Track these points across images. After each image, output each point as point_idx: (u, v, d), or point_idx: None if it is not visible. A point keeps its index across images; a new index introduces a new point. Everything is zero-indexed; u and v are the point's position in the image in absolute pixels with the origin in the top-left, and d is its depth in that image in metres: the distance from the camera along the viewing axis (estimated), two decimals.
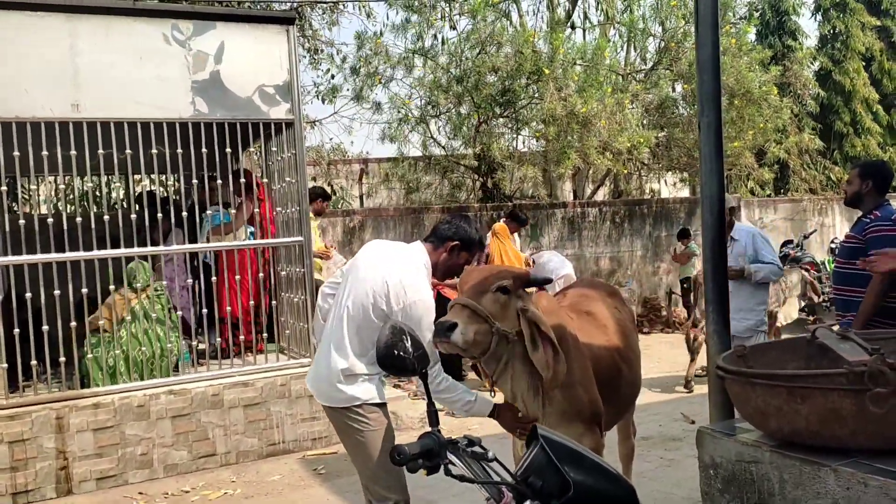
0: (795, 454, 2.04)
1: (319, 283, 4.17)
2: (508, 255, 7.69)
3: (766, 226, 12.32)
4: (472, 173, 11.69)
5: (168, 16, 5.33)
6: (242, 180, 6.29)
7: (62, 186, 5.51)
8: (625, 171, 11.93)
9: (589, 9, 14.42)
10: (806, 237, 11.61)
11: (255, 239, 6.03)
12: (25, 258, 4.98)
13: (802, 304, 9.67)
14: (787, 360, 2.39)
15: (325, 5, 11.38)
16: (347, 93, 11.76)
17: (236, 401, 5.36)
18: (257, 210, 5.87)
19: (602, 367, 3.13)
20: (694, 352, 7.00)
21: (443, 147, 11.68)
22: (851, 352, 2.03)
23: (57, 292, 4.93)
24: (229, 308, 5.94)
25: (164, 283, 5.64)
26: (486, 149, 10.62)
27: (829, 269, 10.41)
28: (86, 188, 9.41)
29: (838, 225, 13.10)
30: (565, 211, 10.55)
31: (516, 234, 8.44)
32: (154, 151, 5.24)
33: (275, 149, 6.13)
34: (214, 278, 5.90)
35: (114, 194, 9.46)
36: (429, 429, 1.97)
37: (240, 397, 5.37)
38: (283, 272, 6.14)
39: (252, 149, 8.09)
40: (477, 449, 1.91)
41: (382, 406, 2.92)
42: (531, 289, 2.92)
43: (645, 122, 11.15)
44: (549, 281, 3.19)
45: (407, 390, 7.01)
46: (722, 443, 2.29)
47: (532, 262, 8.17)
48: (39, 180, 8.32)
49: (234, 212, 6.08)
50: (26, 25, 4.88)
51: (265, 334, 6.00)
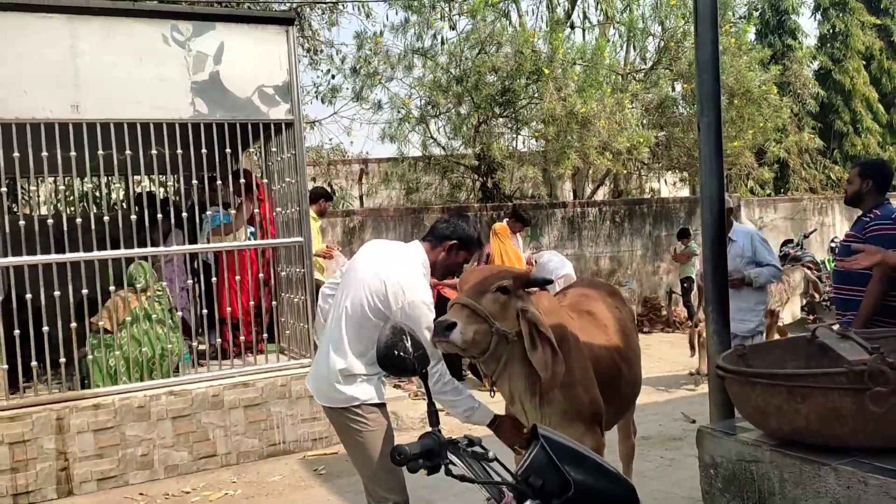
0: (796, 453, 2.04)
1: (320, 284, 4.17)
2: (509, 255, 7.69)
3: (766, 225, 12.31)
4: (472, 173, 11.68)
5: (168, 17, 5.34)
6: (242, 181, 6.30)
7: (62, 187, 5.52)
8: (624, 172, 11.92)
9: (588, 8, 14.46)
10: (806, 236, 11.60)
11: (255, 239, 6.04)
12: (25, 259, 4.98)
13: (804, 301, 9.69)
14: (787, 359, 2.40)
15: (324, 5, 11.39)
16: (347, 93, 11.78)
17: (237, 401, 5.36)
18: (257, 210, 5.88)
19: (602, 367, 3.13)
20: (702, 346, 6.99)
21: (443, 147, 11.68)
22: (851, 351, 2.03)
23: (57, 293, 4.93)
24: (229, 308, 5.95)
25: (163, 283, 5.65)
26: (486, 149, 10.61)
27: (829, 269, 10.41)
28: (86, 189, 9.42)
29: (838, 224, 13.09)
30: (565, 211, 10.55)
31: (518, 234, 8.44)
32: (154, 152, 5.25)
33: (275, 149, 6.13)
34: (214, 279, 5.90)
35: (114, 195, 9.46)
36: (429, 429, 1.97)
37: (240, 398, 5.38)
38: (283, 272, 6.15)
39: (252, 149, 8.09)
40: (477, 449, 1.91)
41: (382, 406, 2.92)
42: (533, 289, 2.92)
43: (645, 121, 11.13)
44: (549, 282, 3.19)
45: (407, 390, 7.01)
46: (722, 442, 2.29)
47: (534, 262, 8.18)
48: (39, 181, 8.32)
49: (233, 212, 6.09)
50: (26, 26, 4.88)
51: (265, 335, 6.01)
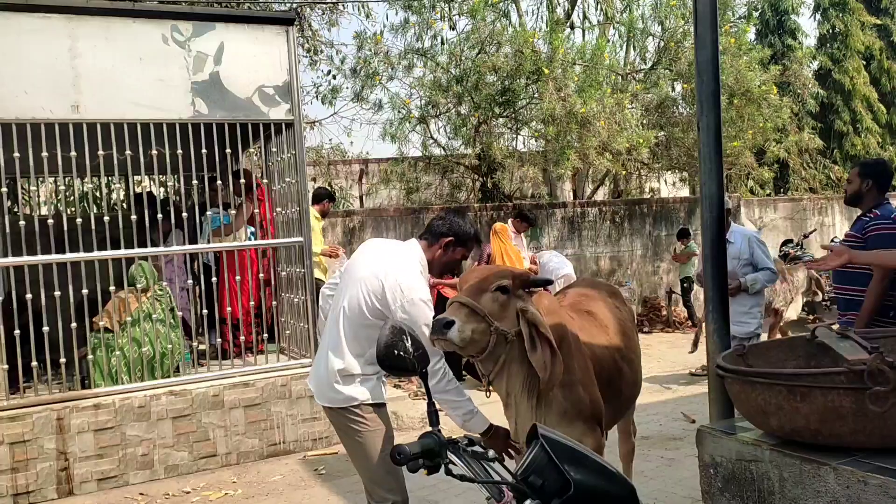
0: (795, 453, 2.04)
1: (321, 284, 4.17)
2: (510, 255, 7.70)
3: (766, 225, 12.32)
4: (472, 173, 11.68)
5: (168, 17, 5.34)
6: (242, 181, 6.30)
7: (62, 187, 5.51)
8: (624, 172, 11.92)
9: (588, 9, 14.44)
10: (806, 236, 11.61)
11: (255, 239, 6.04)
12: (26, 259, 4.99)
13: (805, 300, 9.68)
14: (787, 358, 2.40)
15: (324, 6, 11.39)
16: (347, 93, 11.78)
17: (237, 401, 5.36)
18: (257, 210, 5.88)
19: (603, 367, 3.13)
20: None
21: (443, 147, 11.68)
22: (851, 350, 2.03)
23: (57, 293, 4.93)
24: (230, 308, 5.95)
25: (164, 283, 5.65)
26: (486, 149, 10.61)
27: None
28: (86, 189, 9.42)
29: (838, 224, 13.10)
30: (565, 211, 10.55)
31: (522, 234, 8.46)
32: (154, 152, 5.25)
33: (275, 149, 6.13)
34: (215, 279, 5.91)
35: (114, 195, 9.46)
36: (429, 428, 1.97)
37: (240, 398, 5.38)
38: (284, 273, 6.15)
39: (252, 149, 8.10)
40: (477, 448, 1.91)
41: (381, 406, 2.91)
42: (537, 288, 2.92)
43: (644, 121, 11.12)
44: (549, 282, 3.19)
45: (407, 390, 7.01)
46: (722, 442, 2.29)
47: (537, 261, 8.19)
48: (39, 181, 8.32)
49: (233, 213, 6.09)
50: (26, 27, 4.88)
51: (265, 335, 6.01)
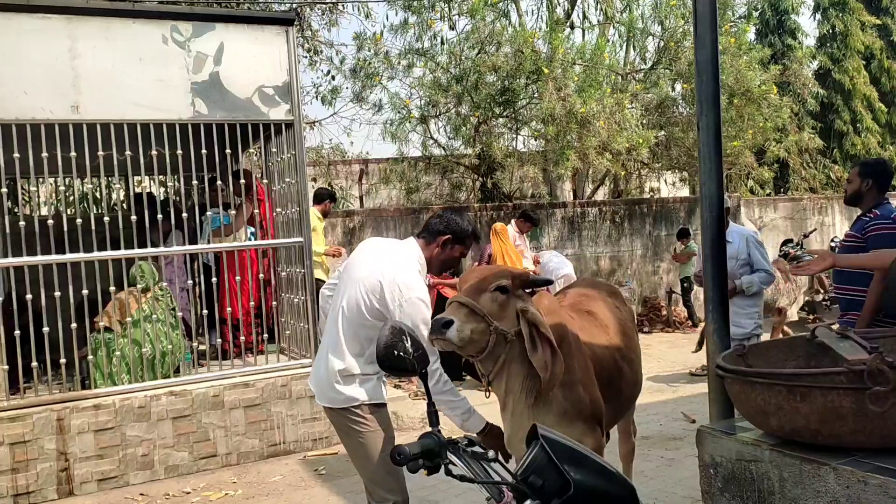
0: (795, 453, 2.04)
1: (321, 284, 4.17)
2: (510, 255, 7.70)
3: (766, 225, 12.31)
4: (472, 173, 11.68)
5: (167, 17, 5.34)
6: (242, 181, 6.30)
7: (62, 188, 5.51)
8: (624, 172, 11.92)
9: (588, 8, 14.42)
10: (806, 236, 11.60)
11: (255, 240, 6.04)
12: (26, 260, 4.99)
13: (805, 299, 9.69)
14: (787, 358, 2.40)
15: (324, 6, 11.38)
16: (347, 93, 11.78)
17: (237, 402, 5.36)
18: (257, 211, 5.88)
19: (603, 367, 3.13)
20: None
21: (443, 147, 11.67)
22: (851, 350, 2.03)
23: (57, 294, 4.93)
24: (230, 309, 5.95)
25: (164, 284, 5.65)
26: (486, 149, 10.61)
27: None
28: (86, 189, 9.42)
29: (838, 224, 13.08)
30: (565, 211, 10.55)
31: (525, 235, 8.48)
32: (154, 153, 5.25)
33: (275, 149, 6.13)
34: (215, 279, 5.90)
35: (114, 196, 9.46)
36: (429, 429, 1.97)
37: (240, 398, 5.38)
38: (284, 273, 6.15)
39: (252, 149, 8.10)
40: (477, 449, 1.91)
41: (382, 406, 2.91)
42: (540, 288, 2.91)
43: (644, 121, 11.12)
44: (549, 282, 3.19)
45: (407, 390, 7.01)
46: (722, 442, 2.29)
47: (539, 262, 8.20)
48: (39, 181, 8.32)
49: (233, 213, 6.09)
50: (26, 27, 4.88)
51: (266, 335, 6.01)
